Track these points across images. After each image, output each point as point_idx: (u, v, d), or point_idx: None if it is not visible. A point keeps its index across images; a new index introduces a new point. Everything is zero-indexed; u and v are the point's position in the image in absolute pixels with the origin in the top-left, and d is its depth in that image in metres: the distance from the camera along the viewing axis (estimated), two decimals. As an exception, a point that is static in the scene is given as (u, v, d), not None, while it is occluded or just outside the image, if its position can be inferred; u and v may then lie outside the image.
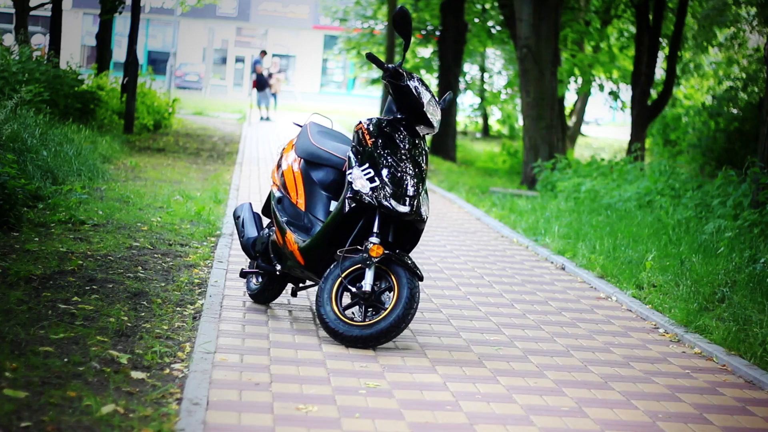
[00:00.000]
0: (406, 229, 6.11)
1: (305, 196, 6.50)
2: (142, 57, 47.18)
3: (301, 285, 6.79)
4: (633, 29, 27.80)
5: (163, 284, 7.21)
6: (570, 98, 30.09)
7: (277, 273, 6.59)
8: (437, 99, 6.29)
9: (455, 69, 23.42)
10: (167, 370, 5.23)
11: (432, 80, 37.16)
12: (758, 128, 19.96)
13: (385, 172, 5.97)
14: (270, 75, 29.88)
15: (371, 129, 6.11)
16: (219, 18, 51.71)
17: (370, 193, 5.93)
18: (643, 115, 21.17)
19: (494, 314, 7.13)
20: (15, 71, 14.63)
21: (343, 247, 6.05)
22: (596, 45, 26.99)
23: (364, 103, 50.11)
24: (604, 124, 51.92)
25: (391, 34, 29.56)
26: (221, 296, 6.94)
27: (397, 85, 6.10)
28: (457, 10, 22.95)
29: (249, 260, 8.18)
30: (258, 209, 7.55)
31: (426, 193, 6.17)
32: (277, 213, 6.49)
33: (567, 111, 27.92)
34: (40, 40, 41.90)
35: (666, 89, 21.20)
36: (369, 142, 6.07)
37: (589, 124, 45.96)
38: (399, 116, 6.14)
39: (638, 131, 21.27)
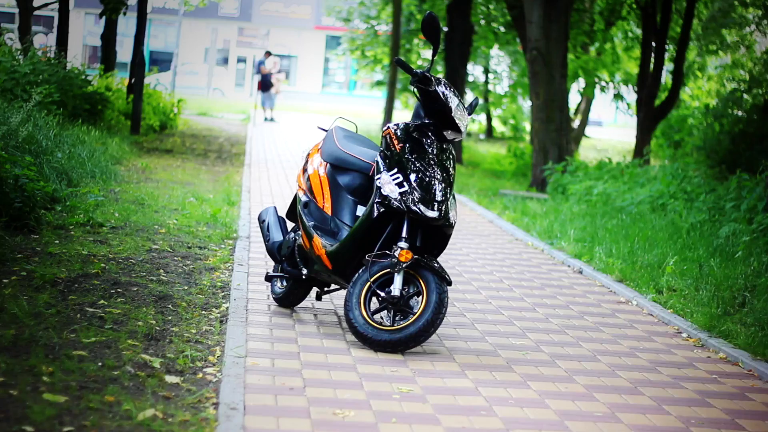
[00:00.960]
0: (434, 234, 6.13)
1: (332, 200, 6.51)
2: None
3: (326, 289, 6.81)
4: (637, 31, 27.87)
5: (186, 287, 7.22)
6: (573, 99, 30.13)
7: (303, 277, 6.61)
8: (465, 104, 6.31)
9: (461, 71, 23.41)
10: (200, 375, 5.25)
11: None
12: (764, 130, 19.99)
13: (413, 177, 5.99)
14: (270, 75, 29.89)
15: (399, 134, 6.13)
16: (221, 18, 51.69)
17: (399, 198, 5.94)
18: (650, 117, 21.18)
19: (517, 318, 7.15)
20: (26, 72, 14.62)
21: (371, 252, 6.07)
22: (600, 46, 27.02)
23: (365, 103, 50.12)
24: (606, 126, 51.96)
25: (396, 35, 29.58)
26: (245, 300, 6.95)
27: (425, 91, 6.12)
28: (464, 11, 22.94)
29: (273, 264, 8.23)
30: (282, 213, 7.53)
31: (454, 198, 6.19)
32: (303, 217, 6.51)
33: (571, 112, 27.91)
34: (41, 39, 41.95)
35: (673, 91, 21.21)
36: (397, 147, 6.09)
37: (591, 126, 45.97)
38: (427, 121, 6.16)
39: (645, 133, 21.29)
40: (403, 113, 38.64)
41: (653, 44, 21.42)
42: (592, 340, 6.69)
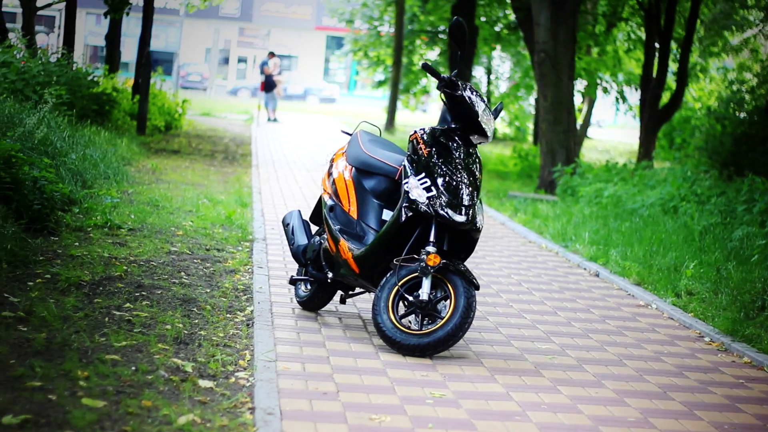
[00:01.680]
0: (461, 238, 6.14)
1: (357, 204, 6.53)
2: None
3: (350, 292, 6.82)
4: (640, 33, 27.91)
5: (208, 290, 7.23)
6: (575, 100, 30.13)
7: (329, 281, 6.62)
8: (490, 108, 6.33)
9: (466, 72, 23.45)
10: (233, 379, 5.26)
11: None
12: (766, 132, 20.01)
13: (440, 181, 6.00)
14: (272, 75, 29.90)
15: (426, 138, 6.15)
16: (222, 18, 51.71)
17: (427, 202, 5.96)
18: (654, 118, 21.20)
19: (540, 322, 7.17)
20: (36, 73, 14.62)
21: (398, 256, 6.08)
22: (602, 48, 27.04)
23: (366, 103, 50.17)
24: (606, 127, 52.01)
25: (399, 36, 29.61)
26: (269, 303, 6.97)
27: (452, 95, 6.14)
28: (469, 13, 22.98)
29: (294, 266, 8.25)
30: (306, 216, 7.53)
31: (480, 202, 6.21)
32: (329, 221, 6.52)
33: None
34: (43, 39, 41.93)
35: (677, 93, 21.23)
36: (425, 151, 6.10)
37: (592, 127, 46.03)
38: (453, 126, 6.18)
39: (649, 135, 21.31)
40: (404, 113, 38.67)
41: (656, 46, 21.46)
42: (617, 344, 6.71)
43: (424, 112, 45.92)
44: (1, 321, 5.74)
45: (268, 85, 29.72)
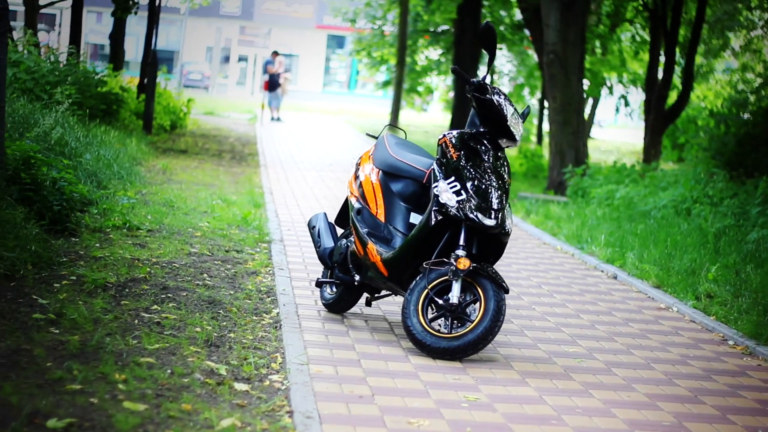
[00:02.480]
0: (490, 242, 6.16)
1: (384, 207, 6.54)
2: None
3: (376, 295, 6.83)
4: (643, 33, 27.93)
5: (231, 292, 7.24)
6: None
7: (356, 283, 6.64)
8: (519, 112, 6.35)
9: (472, 72, 23.46)
10: (267, 382, 5.28)
11: (441, 82, 37.22)
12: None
13: (470, 185, 6.02)
14: (278, 75, 29.91)
15: (455, 142, 6.17)
16: (222, 17, 51.69)
17: (457, 206, 5.97)
18: (660, 120, 21.22)
19: (564, 325, 7.19)
20: (46, 72, 14.61)
21: (427, 259, 6.10)
22: (606, 47, 27.06)
23: (366, 102, 50.17)
24: (607, 126, 52.06)
25: (403, 36, 29.60)
26: (294, 305, 6.98)
27: (481, 99, 6.15)
28: (475, 13, 23.01)
29: (313, 268, 8.26)
30: (330, 218, 7.53)
31: (509, 205, 6.23)
32: (357, 224, 6.53)
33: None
34: (44, 37, 41.90)
35: (683, 94, 21.25)
36: (454, 155, 6.12)
37: (593, 127, 46.07)
38: (482, 129, 6.19)
39: (655, 136, 21.32)
40: (408, 113, 38.68)
41: (662, 47, 21.48)
42: (642, 347, 6.73)
43: (425, 111, 45.96)
44: (33, 323, 5.76)
45: (272, 84, 29.72)
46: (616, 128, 52.42)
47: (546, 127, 30.68)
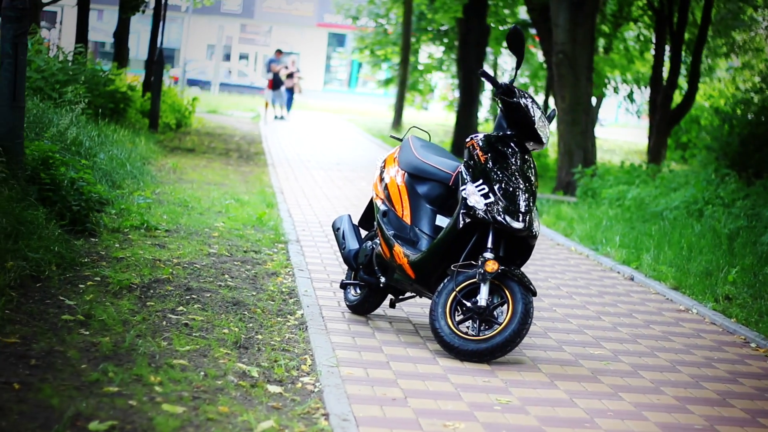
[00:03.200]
0: (517, 244, 6.18)
1: (410, 209, 6.56)
2: (145, 53, 47.10)
3: (400, 297, 6.85)
4: (648, 33, 27.97)
5: (254, 293, 7.26)
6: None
7: (381, 285, 6.66)
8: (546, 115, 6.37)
9: (477, 71, 23.49)
10: (299, 384, 5.29)
11: (442, 81, 37.26)
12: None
13: (498, 187, 6.04)
14: (291, 74, 29.91)
15: (483, 145, 6.19)
16: (223, 15, 51.67)
17: (485, 208, 5.99)
18: (665, 119, 21.24)
19: (587, 327, 7.21)
20: (56, 71, 14.60)
21: (454, 262, 6.12)
22: (607, 47, 27.07)
23: (367, 101, 50.15)
24: (608, 125, 52.08)
25: (407, 35, 29.60)
26: (318, 307, 7.00)
27: (508, 102, 6.17)
28: (480, 13, 23.02)
29: (332, 268, 8.28)
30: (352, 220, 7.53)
31: (536, 208, 6.25)
32: (383, 226, 6.55)
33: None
34: (45, 35, 41.78)
35: (689, 94, 21.28)
36: (482, 158, 6.14)
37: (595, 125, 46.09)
38: (509, 132, 6.21)
39: (660, 136, 21.35)
40: (409, 112, 38.68)
41: (667, 47, 21.50)
42: (666, 350, 6.75)
43: (425, 109, 45.93)
44: (62, 324, 5.77)
45: (276, 83, 29.72)
46: (618, 127, 52.46)
47: (552, 126, 30.73)
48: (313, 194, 13.70)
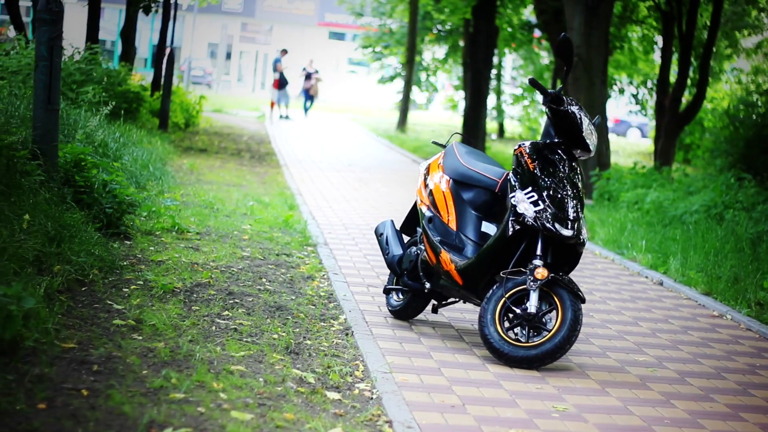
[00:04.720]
0: (565, 251, 6.21)
1: (456, 215, 6.59)
2: (146, 52, 47.10)
3: (443, 302, 6.88)
4: (651, 34, 28.00)
5: (293, 297, 7.28)
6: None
7: (426, 291, 6.69)
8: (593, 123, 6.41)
9: (486, 72, 23.53)
10: (356, 390, 5.32)
11: (445, 81, 37.27)
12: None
13: (546, 195, 6.07)
14: (309, 75, 29.93)
15: (530, 152, 6.22)
16: (225, 13, 51.64)
17: (534, 216, 6.03)
18: (674, 122, 21.27)
19: (627, 333, 7.25)
20: (72, 71, 14.60)
21: (502, 269, 6.15)
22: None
23: (368, 100, 50.15)
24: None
25: (412, 35, 29.62)
26: (359, 312, 7.02)
27: (556, 110, 6.21)
28: (489, 14, 23.06)
29: (371, 274, 8.31)
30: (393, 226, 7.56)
31: (583, 215, 6.28)
32: (428, 232, 6.58)
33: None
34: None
35: (698, 96, 21.31)
36: (530, 165, 6.17)
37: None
38: (557, 140, 6.25)
39: (669, 139, 21.37)
40: (410, 112, 38.69)
41: (675, 49, 21.53)
42: (708, 356, 6.79)
43: (426, 108, 45.96)
44: (115, 329, 5.79)
45: (282, 82, 29.75)
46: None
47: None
48: (332, 197, 13.72)
